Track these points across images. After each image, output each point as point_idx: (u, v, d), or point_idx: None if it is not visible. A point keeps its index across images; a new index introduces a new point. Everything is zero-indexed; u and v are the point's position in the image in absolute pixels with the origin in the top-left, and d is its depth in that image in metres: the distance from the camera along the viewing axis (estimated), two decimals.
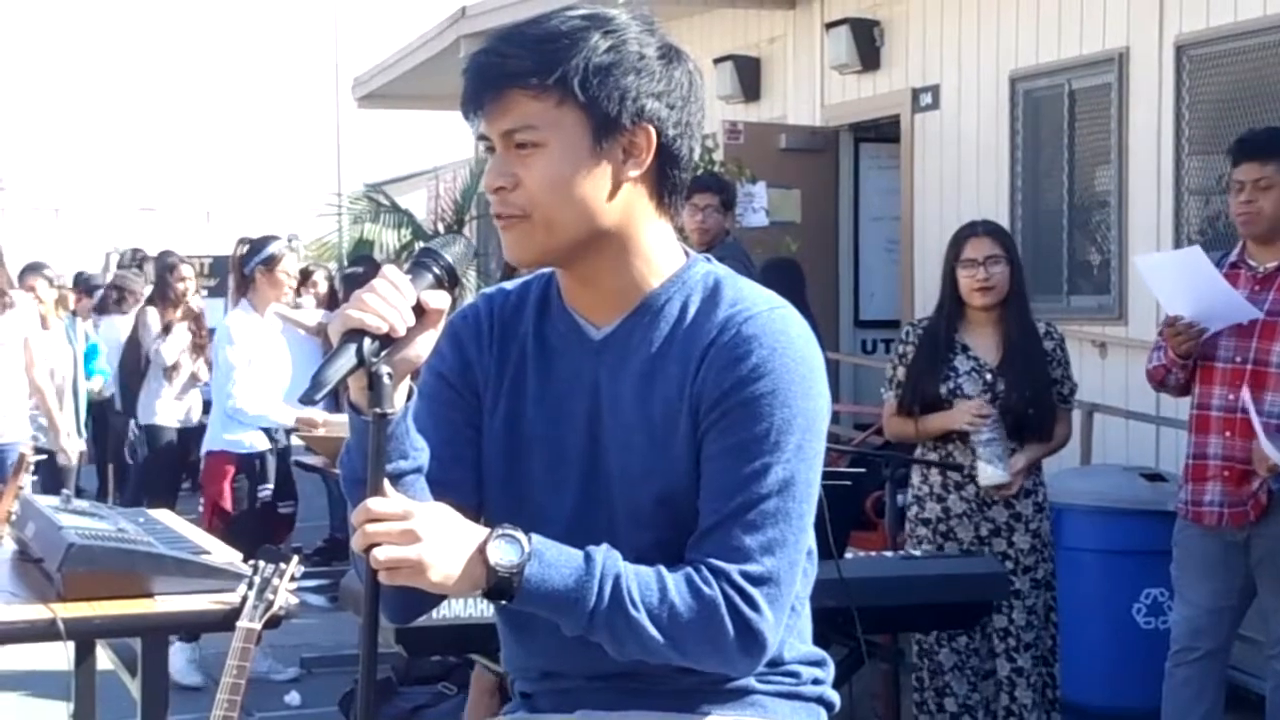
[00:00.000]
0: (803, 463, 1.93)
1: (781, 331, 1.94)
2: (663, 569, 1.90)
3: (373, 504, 1.82)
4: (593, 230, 1.95)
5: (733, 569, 1.89)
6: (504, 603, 1.87)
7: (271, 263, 6.41)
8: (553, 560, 1.86)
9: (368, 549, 1.82)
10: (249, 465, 6.34)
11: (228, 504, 6.25)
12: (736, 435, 1.91)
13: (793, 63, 9.86)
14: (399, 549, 1.81)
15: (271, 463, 6.42)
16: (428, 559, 1.82)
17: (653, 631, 1.87)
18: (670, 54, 1.98)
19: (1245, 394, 4.26)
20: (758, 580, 1.89)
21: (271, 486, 6.41)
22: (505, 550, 1.85)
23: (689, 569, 1.90)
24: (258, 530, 6.00)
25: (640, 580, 1.88)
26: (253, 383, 6.30)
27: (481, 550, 1.85)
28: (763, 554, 1.90)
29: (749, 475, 1.91)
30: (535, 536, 1.87)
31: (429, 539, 1.82)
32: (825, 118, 9.56)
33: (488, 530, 1.87)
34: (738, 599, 1.88)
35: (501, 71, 1.93)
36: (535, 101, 1.92)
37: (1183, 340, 4.39)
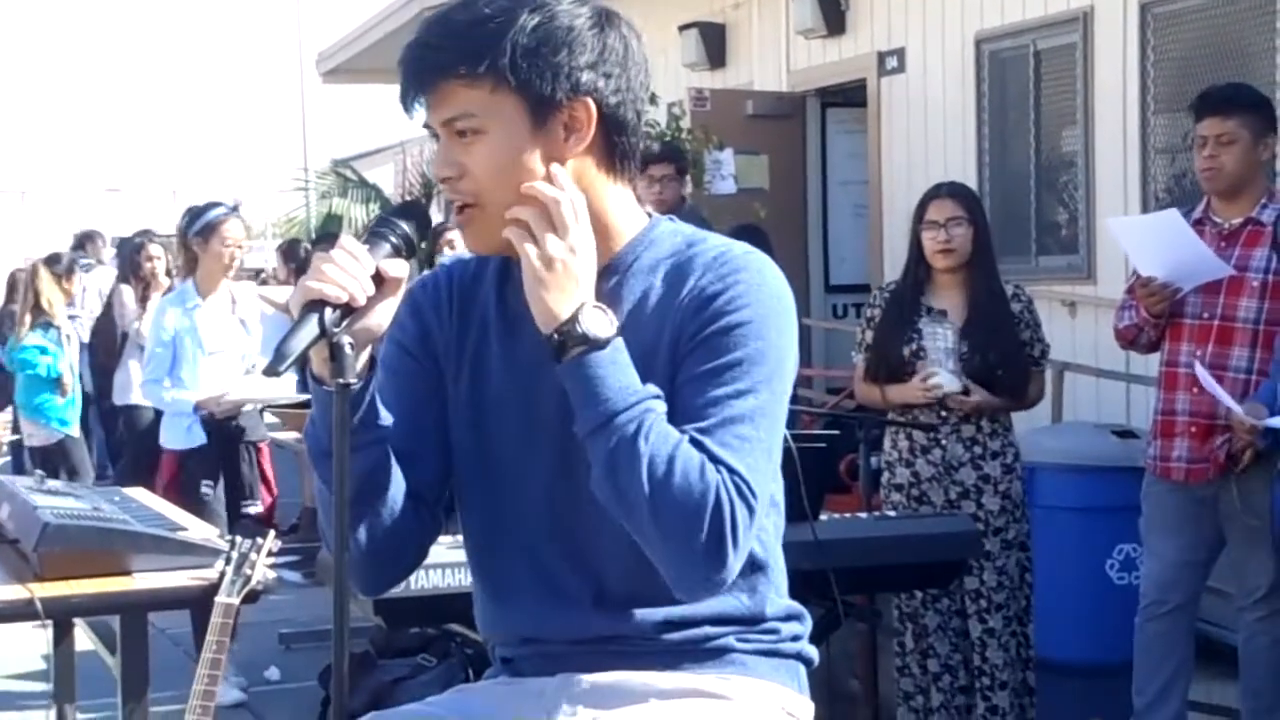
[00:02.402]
0: (771, 396, 1.91)
1: (759, 270, 1.96)
2: (685, 440, 1.85)
3: (556, 168, 1.90)
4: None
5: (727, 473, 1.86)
6: (552, 359, 1.87)
7: (208, 231, 5.72)
8: (620, 361, 1.87)
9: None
10: (189, 462, 5.71)
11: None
12: (710, 361, 1.90)
13: (758, 28, 9.85)
14: (540, 219, 1.88)
15: (212, 455, 5.71)
16: (549, 247, 1.87)
17: (644, 477, 1.83)
18: (602, 20, 1.96)
19: (1199, 367, 4.27)
20: (743, 492, 1.85)
21: (211, 484, 5.68)
22: (597, 320, 1.86)
23: (702, 453, 1.85)
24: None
25: (661, 431, 1.85)
26: (161, 370, 5.71)
27: (581, 303, 1.87)
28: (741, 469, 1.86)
29: (721, 397, 1.88)
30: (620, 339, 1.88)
31: (565, 239, 1.87)
32: (791, 83, 9.55)
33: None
34: (727, 499, 1.83)
35: (433, 64, 1.93)
36: (470, 90, 1.92)
37: (1157, 300, 4.41)
